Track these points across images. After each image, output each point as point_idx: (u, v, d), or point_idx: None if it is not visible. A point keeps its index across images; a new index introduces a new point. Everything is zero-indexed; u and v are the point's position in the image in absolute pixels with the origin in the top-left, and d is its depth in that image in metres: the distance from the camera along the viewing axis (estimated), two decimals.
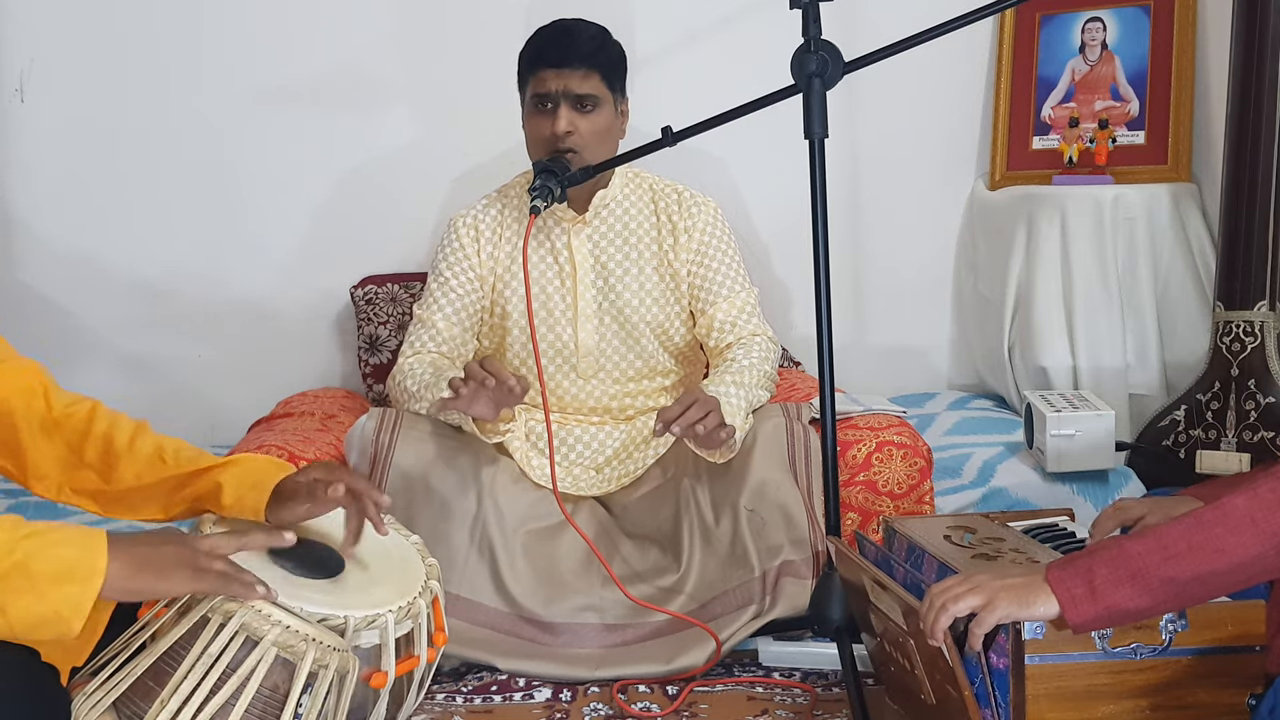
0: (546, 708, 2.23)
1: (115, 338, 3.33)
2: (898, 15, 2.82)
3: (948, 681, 1.73)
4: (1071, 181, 3.20)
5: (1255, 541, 1.53)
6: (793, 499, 2.44)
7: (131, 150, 3.33)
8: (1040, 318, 3.15)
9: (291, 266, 3.38)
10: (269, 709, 1.56)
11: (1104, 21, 3.30)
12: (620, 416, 2.67)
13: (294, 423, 2.83)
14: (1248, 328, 2.91)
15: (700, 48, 3.33)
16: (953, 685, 1.71)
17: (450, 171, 3.34)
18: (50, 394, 1.75)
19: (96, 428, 1.76)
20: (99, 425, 1.76)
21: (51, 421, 1.74)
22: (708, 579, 2.43)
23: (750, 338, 2.62)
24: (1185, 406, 2.99)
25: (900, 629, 1.86)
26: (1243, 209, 2.90)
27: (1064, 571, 1.61)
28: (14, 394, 1.72)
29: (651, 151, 2.40)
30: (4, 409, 1.72)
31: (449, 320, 2.62)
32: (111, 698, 1.55)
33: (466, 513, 2.43)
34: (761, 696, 2.25)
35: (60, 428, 1.75)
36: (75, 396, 1.79)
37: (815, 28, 2.25)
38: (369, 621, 1.65)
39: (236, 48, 3.31)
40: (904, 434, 2.61)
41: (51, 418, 1.74)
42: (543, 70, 2.51)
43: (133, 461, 1.75)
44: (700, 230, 2.66)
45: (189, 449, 1.80)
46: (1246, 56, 2.88)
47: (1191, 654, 1.70)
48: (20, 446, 1.73)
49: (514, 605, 2.40)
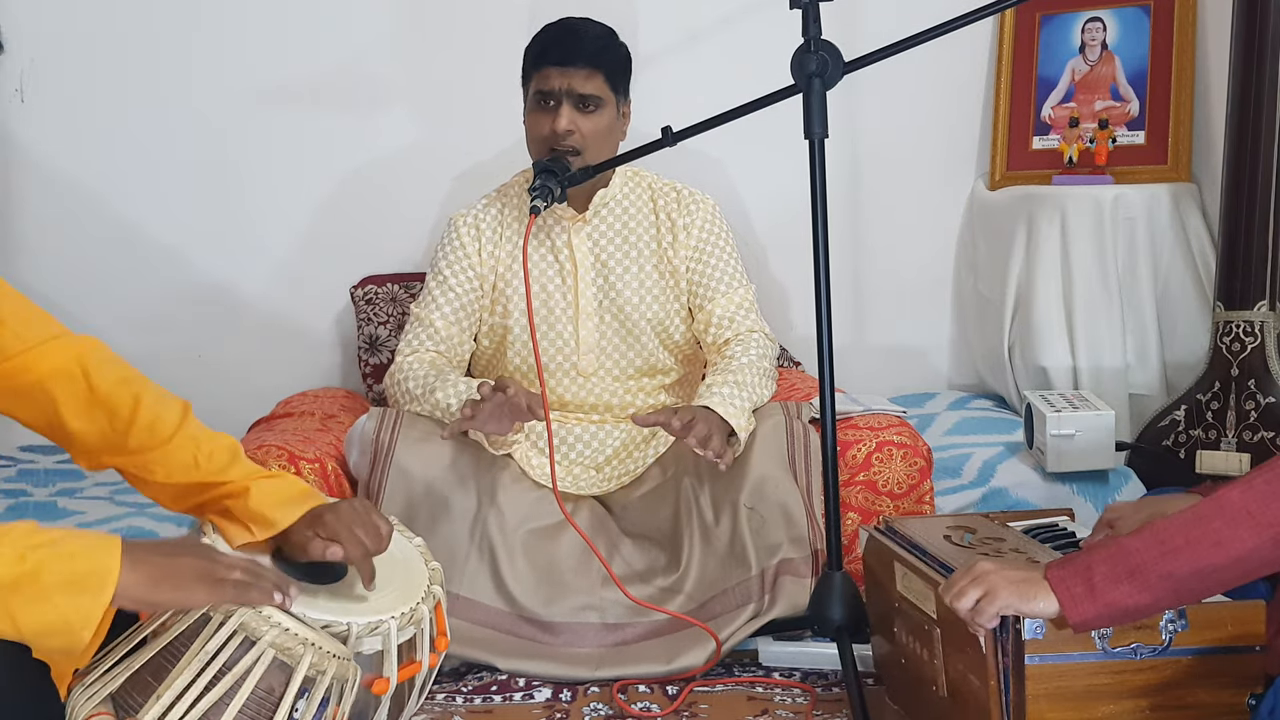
0: (546, 708, 2.23)
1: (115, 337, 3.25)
2: (898, 15, 2.82)
3: (971, 671, 1.72)
4: (1071, 181, 3.20)
5: (1253, 534, 1.53)
6: (792, 497, 2.44)
7: (132, 150, 3.33)
8: (1040, 318, 3.14)
9: (292, 266, 3.38)
10: (262, 710, 1.56)
11: (1104, 21, 3.29)
12: (621, 415, 2.67)
13: (294, 423, 2.83)
14: (1248, 328, 2.91)
15: (700, 48, 3.33)
16: (977, 674, 1.70)
17: (450, 171, 3.34)
18: (93, 374, 1.72)
19: (142, 418, 1.72)
20: (144, 415, 1.73)
21: (95, 402, 1.72)
22: (707, 578, 2.43)
23: (747, 334, 2.63)
24: (1185, 406, 2.99)
25: (926, 616, 1.85)
26: (1243, 209, 2.89)
27: (1063, 570, 1.61)
28: (49, 376, 1.70)
29: (652, 151, 2.40)
30: (42, 392, 1.70)
31: (447, 320, 2.62)
32: (108, 690, 1.54)
33: (467, 512, 2.43)
34: (761, 696, 2.25)
35: (104, 408, 1.72)
36: (123, 375, 1.75)
37: (815, 28, 2.25)
38: (372, 628, 1.65)
39: (236, 48, 3.31)
40: (904, 434, 2.61)
41: (95, 399, 1.72)
42: (547, 68, 2.51)
43: (167, 460, 1.74)
44: (699, 227, 2.66)
45: (223, 453, 1.76)
46: (1246, 56, 2.88)
47: (1191, 654, 1.70)
48: (65, 426, 1.72)
49: (514, 605, 2.40)
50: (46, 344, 1.72)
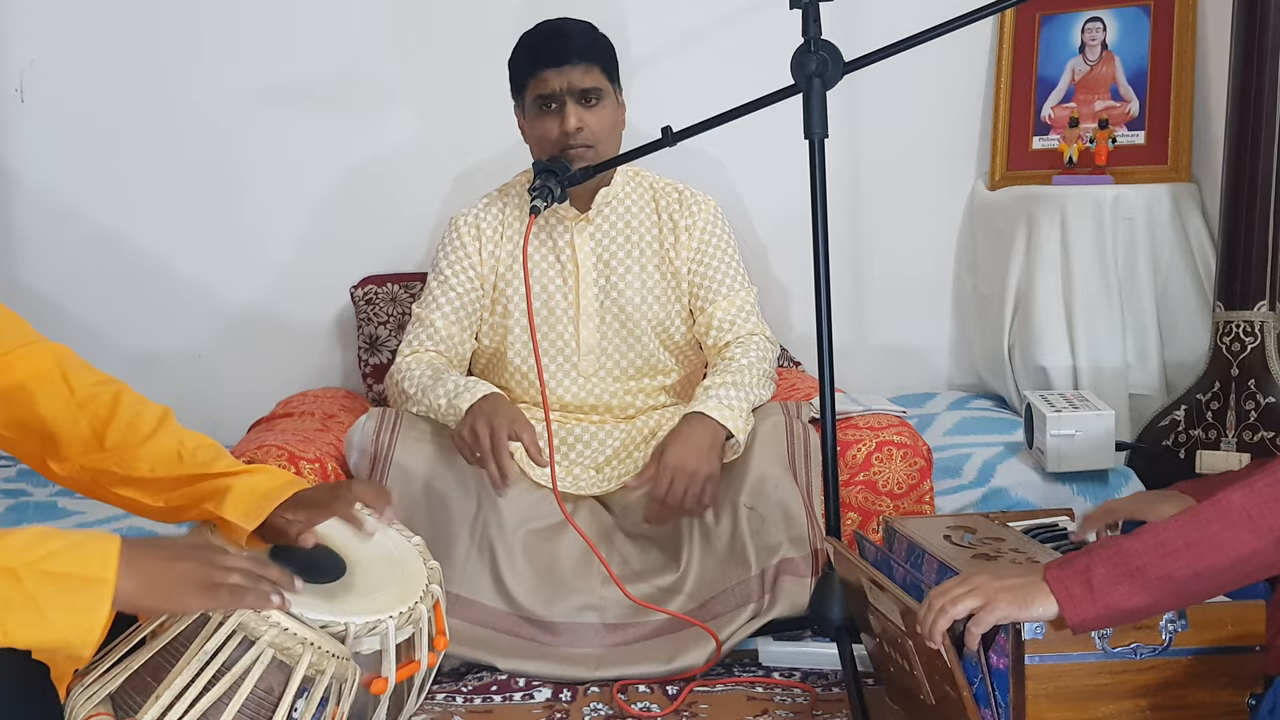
0: (546, 708, 2.23)
1: (116, 337, 3.33)
2: (898, 15, 2.81)
3: (946, 682, 1.73)
4: (1071, 181, 3.19)
5: (1253, 537, 1.53)
6: (792, 497, 2.44)
7: (132, 150, 3.33)
8: (1040, 318, 3.14)
9: (292, 266, 3.38)
10: (261, 710, 1.56)
11: (1104, 21, 3.29)
12: (621, 415, 2.67)
13: (294, 422, 2.83)
14: (1248, 328, 2.91)
15: (700, 48, 3.33)
16: (952, 686, 1.71)
17: (451, 171, 3.34)
18: (71, 377, 1.74)
19: (121, 415, 1.75)
20: (124, 413, 1.75)
21: (75, 404, 1.73)
22: (707, 578, 2.43)
23: (748, 336, 2.63)
24: (1185, 406, 2.99)
25: (899, 630, 1.86)
26: (1243, 209, 2.89)
27: (1062, 571, 1.60)
28: (30, 378, 1.72)
29: (652, 151, 2.40)
30: (23, 393, 1.71)
31: (447, 320, 2.62)
32: (108, 690, 1.54)
33: (466, 512, 2.43)
34: (761, 696, 2.25)
35: (84, 410, 1.74)
36: (101, 378, 1.78)
37: (815, 28, 2.25)
38: (370, 628, 1.65)
39: (237, 48, 3.31)
40: (904, 434, 2.61)
41: (75, 400, 1.73)
42: (543, 71, 2.50)
43: (150, 454, 1.75)
44: (700, 228, 2.66)
45: (206, 449, 1.78)
46: (1246, 56, 2.88)
47: (1191, 654, 1.70)
48: (48, 430, 1.73)
49: (514, 605, 2.40)
50: (26, 347, 1.74)
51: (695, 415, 2.43)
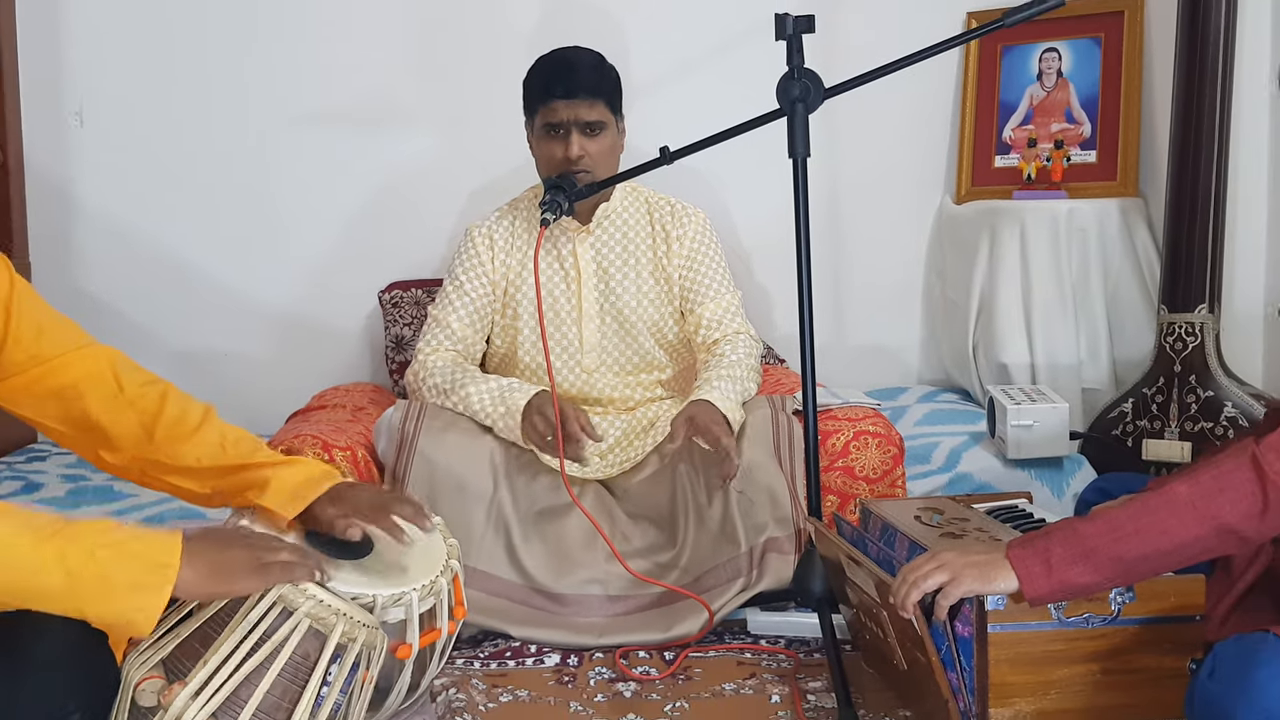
0: (556, 671, 2.23)
1: (163, 337, 3.33)
2: (874, 46, 2.80)
3: (917, 648, 1.73)
4: (1030, 196, 3.20)
5: (1196, 524, 1.53)
6: (777, 481, 2.44)
7: (180, 169, 3.33)
8: (1001, 319, 3.14)
9: (325, 273, 3.38)
10: (299, 674, 1.56)
11: (1059, 52, 3.29)
12: (622, 407, 2.67)
13: (327, 414, 2.83)
14: (1189, 328, 2.91)
15: (694, 75, 3.33)
16: (922, 652, 1.71)
17: (467, 185, 3.34)
18: (122, 377, 1.75)
19: (168, 411, 1.76)
20: (170, 409, 1.76)
21: (125, 401, 1.74)
22: (700, 555, 2.43)
23: (734, 335, 2.63)
24: (1133, 399, 2.99)
25: (874, 601, 1.86)
26: (1185, 221, 2.89)
27: (1023, 550, 1.61)
28: (83, 379, 1.73)
29: (651, 169, 2.40)
30: (74, 392, 1.72)
31: (462, 321, 2.62)
32: (160, 656, 1.55)
33: (484, 494, 2.43)
34: (750, 662, 2.25)
35: (134, 407, 1.75)
36: (149, 378, 1.79)
37: (798, 57, 2.26)
38: (395, 599, 1.65)
39: (279, 76, 3.31)
40: (878, 424, 2.60)
41: (125, 398, 1.74)
42: (553, 101, 2.50)
43: (196, 446, 1.76)
44: (690, 238, 2.66)
45: (247, 442, 1.80)
46: (1188, 84, 2.87)
47: (1138, 623, 1.70)
48: (97, 424, 1.73)
49: (527, 578, 2.40)
50: (79, 350, 1.75)
51: (700, 400, 2.43)
